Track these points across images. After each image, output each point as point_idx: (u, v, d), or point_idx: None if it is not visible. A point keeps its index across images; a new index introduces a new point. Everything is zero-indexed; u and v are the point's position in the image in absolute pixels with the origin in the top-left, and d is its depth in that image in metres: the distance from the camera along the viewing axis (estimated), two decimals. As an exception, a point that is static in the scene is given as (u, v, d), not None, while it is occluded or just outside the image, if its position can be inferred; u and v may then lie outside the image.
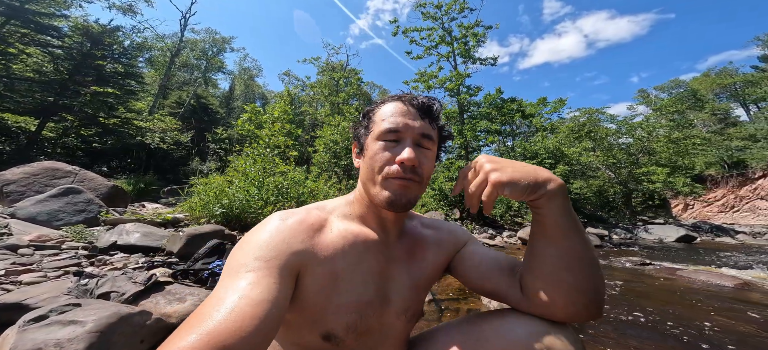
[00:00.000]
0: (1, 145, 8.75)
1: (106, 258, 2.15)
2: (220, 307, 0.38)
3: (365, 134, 0.62)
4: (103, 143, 11.20)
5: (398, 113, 0.58)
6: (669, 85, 30.56)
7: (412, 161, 0.54)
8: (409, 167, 0.55)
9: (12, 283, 1.56)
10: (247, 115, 8.23)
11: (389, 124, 0.58)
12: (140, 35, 18.42)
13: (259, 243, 0.49)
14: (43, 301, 1.22)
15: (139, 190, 8.45)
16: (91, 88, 10.55)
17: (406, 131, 0.57)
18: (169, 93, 19.14)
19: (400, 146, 0.57)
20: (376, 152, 0.58)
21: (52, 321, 0.94)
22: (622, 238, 8.44)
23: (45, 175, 4.82)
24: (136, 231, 2.47)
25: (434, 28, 10.48)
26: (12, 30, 9.36)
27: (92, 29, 11.14)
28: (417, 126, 0.58)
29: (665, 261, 4.28)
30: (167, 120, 13.95)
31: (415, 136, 0.57)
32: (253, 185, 3.71)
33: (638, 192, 13.09)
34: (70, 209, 3.24)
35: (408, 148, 0.55)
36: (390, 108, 0.60)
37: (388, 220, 0.63)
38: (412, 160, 0.54)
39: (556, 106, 16.25)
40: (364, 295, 0.56)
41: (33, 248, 2.17)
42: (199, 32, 25.32)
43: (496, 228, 9.37)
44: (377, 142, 0.58)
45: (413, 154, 0.55)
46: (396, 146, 0.57)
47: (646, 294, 2.57)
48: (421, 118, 0.59)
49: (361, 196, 0.63)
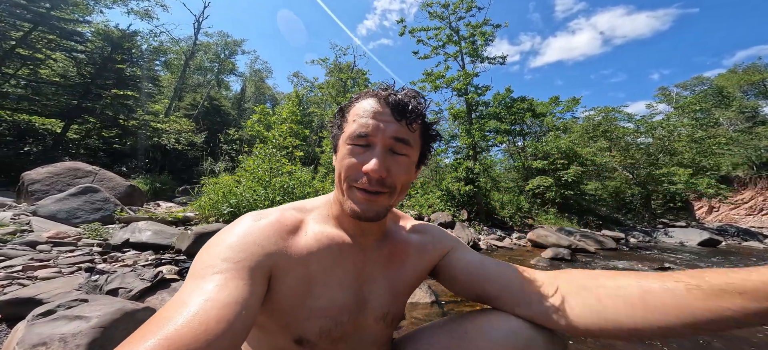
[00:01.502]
0: (29, 146, 9.25)
1: (119, 255, 2.22)
2: (182, 310, 0.35)
3: (339, 133, 0.57)
4: (122, 144, 11.68)
5: (370, 113, 0.52)
6: (692, 82, 29.17)
7: (379, 172, 0.49)
8: (376, 178, 0.50)
9: (28, 278, 1.64)
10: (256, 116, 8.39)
11: (358, 126, 0.52)
12: (157, 39, 19.18)
13: (228, 244, 0.47)
14: (55, 296, 1.27)
15: (154, 190, 8.74)
16: (112, 91, 11.03)
17: (375, 136, 0.51)
18: (184, 95, 19.80)
19: (369, 153, 0.51)
20: (343, 157, 0.53)
21: (59, 316, 0.98)
22: (640, 241, 8.11)
23: (67, 175, 5.06)
24: (147, 229, 2.55)
25: (441, 28, 10.38)
26: (39, 36, 9.89)
27: (112, 34, 11.65)
28: (390, 130, 0.51)
29: (686, 266, 4.08)
30: (182, 121, 14.43)
31: (386, 141, 0.51)
32: (260, 185, 3.77)
33: (658, 193, 12.55)
34: (87, 207, 3.38)
35: (375, 159, 0.50)
36: (363, 106, 0.54)
37: (365, 224, 0.59)
38: (378, 171, 0.49)
39: (569, 105, 15.80)
40: (338, 300, 0.54)
41: (51, 244, 2.27)
42: (212, 35, 26.10)
43: (505, 230, 9.18)
44: (346, 145, 0.53)
45: (380, 164, 0.49)
46: (365, 152, 0.52)
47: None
48: (396, 119, 0.52)
49: (338, 200, 0.60)
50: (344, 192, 0.54)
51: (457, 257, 0.65)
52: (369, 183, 0.51)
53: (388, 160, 0.52)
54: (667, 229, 9.52)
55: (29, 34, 9.51)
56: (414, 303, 2.31)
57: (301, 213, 0.60)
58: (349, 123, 0.54)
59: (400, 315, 0.66)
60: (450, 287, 0.65)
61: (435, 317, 2.15)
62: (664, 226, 10.62)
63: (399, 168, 0.53)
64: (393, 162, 0.52)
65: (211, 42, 26.23)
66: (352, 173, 0.52)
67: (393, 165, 0.52)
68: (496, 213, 9.95)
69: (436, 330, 0.59)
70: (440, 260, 0.67)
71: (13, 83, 9.58)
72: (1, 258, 1.87)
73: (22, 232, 2.47)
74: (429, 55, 10.48)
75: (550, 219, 10.63)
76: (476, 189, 9.41)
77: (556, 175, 11.50)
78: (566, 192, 11.21)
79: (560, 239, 5.69)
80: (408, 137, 0.53)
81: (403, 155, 0.53)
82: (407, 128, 0.53)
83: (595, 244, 6.03)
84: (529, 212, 10.99)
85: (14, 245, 2.13)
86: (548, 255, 4.37)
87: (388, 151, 0.52)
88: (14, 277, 1.63)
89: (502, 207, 10.27)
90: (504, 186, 13.13)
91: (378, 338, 0.61)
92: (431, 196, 9.74)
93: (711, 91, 25.79)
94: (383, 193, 0.52)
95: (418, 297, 2.36)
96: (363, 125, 0.52)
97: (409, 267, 0.64)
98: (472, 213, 9.35)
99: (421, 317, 2.09)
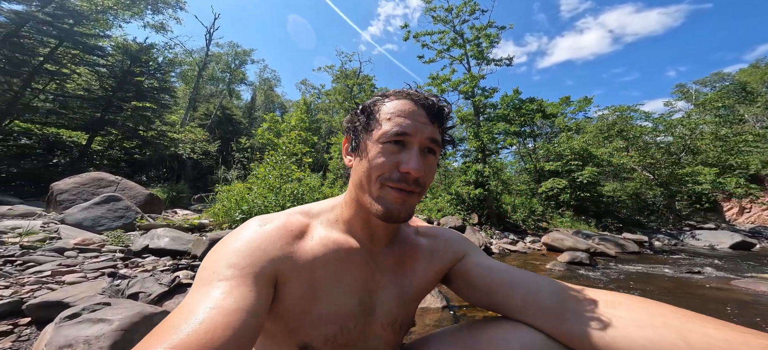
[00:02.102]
0: (57, 158, 9.80)
1: (139, 260, 2.31)
2: (189, 319, 0.35)
3: (364, 132, 0.55)
4: (142, 154, 12.19)
5: (406, 114, 0.52)
6: (712, 78, 27.89)
7: (420, 172, 0.49)
8: (414, 178, 0.50)
9: (57, 283, 1.72)
10: (266, 124, 8.64)
11: (396, 126, 0.51)
12: (171, 51, 20.00)
13: (234, 250, 0.47)
14: (80, 300, 1.33)
15: (172, 198, 9.05)
16: (132, 103, 11.58)
17: (414, 136, 0.51)
18: (198, 105, 20.54)
19: (406, 153, 0.51)
20: (376, 156, 0.52)
21: (83, 319, 1.02)
22: (666, 245, 7.73)
23: (92, 185, 5.31)
24: (165, 236, 2.64)
25: (445, 32, 10.38)
26: (64, 52, 10.53)
27: (131, 47, 12.27)
28: (427, 131, 0.52)
29: (718, 271, 3.85)
30: (197, 131, 14.94)
31: (423, 142, 0.51)
32: (270, 191, 3.86)
33: (682, 194, 11.98)
34: (110, 215, 3.53)
35: (415, 158, 0.50)
36: (397, 106, 0.53)
37: (377, 227, 0.59)
38: (419, 170, 0.49)
39: (581, 105, 15.42)
40: (344, 306, 0.53)
41: (77, 251, 2.38)
42: (222, 46, 27.00)
43: (518, 234, 8.97)
44: (378, 145, 0.52)
45: (420, 163, 0.50)
46: (400, 151, 0.51)
47: (693, 308, 2.31)
48: (431, 122, 0.53)
49: (351, 200, 0.59)
50: (374, 192, 0.52)
51: (472, 262, 0.62)
52: (407, 182, 0.50)
53: (423, 159, 0.52)
54: (695, 232, 9.04)
55: (55, 49, 10.15)
56: (424, 309, 2.28)
57: (307, 218, 0.59)
58: (381, 122, 0.53)
59: (409, 322, 0.64)
60: (463, 294, 0.62)
61: (446, 323, 2.12)
62: (690, 228, 10.10)
63: (430, 169, 0.53)
64: (426, 163, 0.52)
65: (222, 52, 27.17)
66: (386, 172, 0.51)
67: (426, 166, 0.52)
68: (508, 217, 9.75)
69: (445, 339, 0.57)
70: (453, 266, 0.65)
71: (42, 98, 10.21)
72: (31, 264, 1.97)
73: (51, 239, 2.61)
74: (434, 59, 10.50)
75: (566, 222, 10.31)
76: (487, 192, 9.27)
77: (571, 177, 11.18)
78: (582, 194, 10.87)
79: (577, 242, 5.50)
80: (439, 139, 0.54)
81: (433, 156, 0.54)
82: (439, 131, 0.54)
83: (615, 248, 5.79)
84: (542, 215, 10.70)
85: (44, 251, 2.25)
86: (565, 260, 4.23)
87: (423, 152, 0.52)
88: (44, 282, 1.72)
89: (514, 210, 10.06)
90: (516, 189, 12.88)
91: (386, 345, 0.60)
92: (440, 201, 9.65)
93: (733, 86, 24.53)
94: (415, 193, 0.52)
95: (429, 302, 2.33)
96: (401, 125, 0.51)
97: (420, 273, 0.62)
98: (483, 216, 9.19)
99: (432, 323, 2.06)
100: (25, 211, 4.08)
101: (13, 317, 1.33)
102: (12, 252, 2.16)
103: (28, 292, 1.58)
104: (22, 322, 1.31)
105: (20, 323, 1.30)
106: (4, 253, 2.10)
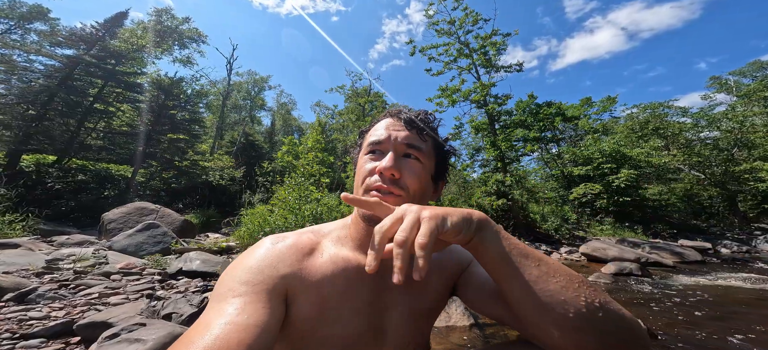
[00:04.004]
0: (107, 191, 10.87)
1: (174, 282, 2.45)
2: (205, 334, 0.37)
3: (358, 153, 0.63)
4: (178, 183, 13.18)
5: (383, 126, 0.58)
6: (749, 68, 25.22)
7: (391, 170, 0.52)
8: (389, 177, 0.52)
9: (103, 304, 1.87)
10: (285, 147, 9.04)
11: (374, 136, 0.58)
12: (198, 83, 21.96)
13: (247, 267, 0.49)
14: (121, 320, 1.43)
15: (204, 223, 9.62)
16: (168, 135, 12.69)
17: (387, 142, 0.56)
18: (224, 133, 22.04)
19: (383, 157, 0.55)
20: (360, 167, 0.58)
21: (122, 339, 1.10)
22: (735, 251, 6.87)
23: (136, 213, 5.81)
24: (197, 259, 2.79)
25: (451, 43, 10.47)
26: (109, 91, 11.90)
27: (163, 82, 13.56)
28: (401, 136, 0.56)
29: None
30: (224, 158, 15.98)
31: (398, 146, 0.55)
32: (291, 212, 3.99)
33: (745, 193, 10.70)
34: (150, 241, 3.82)
35: (388, 157, 0.53)
36: (379, 123, 0.60)
37: None
38: (390, 169, 0.52)
39: (605, 105, 14.64)
40: (352, 327, 0.53)
41: (121, 274, 2.58)
42: (242, 74, 29.25)
43: (551, 244, 8.42)
44: (362, 158, 0.58)
45: (392, 162, 0.52)
46: (380, 158, 0.56)
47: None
48: (407, 128, 0.57)
49: (356, 218, 0.60)
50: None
51: (474, 271, 0.61)
52: (382, 181, 0.52)
53: (400, 162, 0.54)
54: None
55: (102, 89, 11.51)
56: (450, 327, 2.17)
57: (317, 236, 0.60)
58: (366, 139, 0.61)
59: (423, 344, 0.62)
60: (473, 304, 0.59)
61: (475, 342, 2.00)
62: (763, 232, 8.90)
63: (411, 170, 0.54)
64: (405, 164, 0.55)
65: (242, 81, 29.28)
66: (367, 175, 0.55)
67: (405, 167, 0.54)
68: (538, 227, 9.23)
69: None
70: (461, 275, 0.63)
71: (93, 136, 11.52)
72: (83, 287, 2.17)
73: (100, 264, 2.85)
74: (442, 71, 10.57)
75: (607, 230, 9.54)
76: (510, 202, 8.88)
77: (605, 181, 10.44)
78: (621, 199, 10.07)
79: (624, 252, 5.05)
80: (419, 144, 0.57)
81: (416, 160, 0.56)
82: (418, 136, 0.57)
83: (672, 256, 5.25)
84: (578, 223, 10.01)
85: (93, 275, 2.47)
86: (610, 271, 3.86)
87: (400, 155, 0.55)
88: (92, 303, 1.88)
89: (544, 219, 9.51)
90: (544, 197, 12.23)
91: None
92: (461, 213, 9.39)
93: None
94: (396, 195, 0.52)
95: (455, 320, 2.22)
96: (377, 135, 0.58)
97: (431, 290, 0.61)
98: (509, 228, 8.77)
99: (458, 342, 1.95)
100: (80, 239, 4.52)
101: (65, 336, 1.45)
102: (67, 276, 2.39)
103: (78, 313, 1.73)
104: (73, 341, 1.42)
105: (71, 342, 1.41)
106: (59, 278, 2.32)
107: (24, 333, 1.44)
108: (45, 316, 1.65)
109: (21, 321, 1.58)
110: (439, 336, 2.04)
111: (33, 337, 1.41)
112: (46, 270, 2.50)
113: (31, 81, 10.98)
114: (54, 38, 12.19)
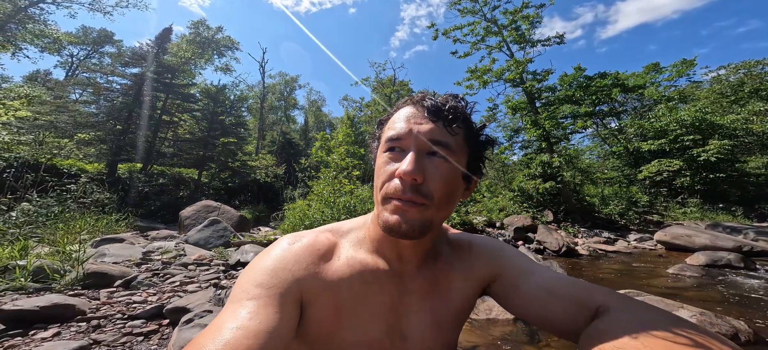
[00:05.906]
0: (182, 191, 12.70)
1: (234, 272, 2.80)
2: (216, 338, 0.37)
3: (377, 146, 0.54)
4: (232, 182, 14.80)
5: (404, 117, 0.49)
6: None
7: (411, 175, 0.44)
8: (410, 184, 0.45)
9: (183, 291, 2.23)
10: (318, 142, 9.50)
11: (392, 130, 0.49)
12: (238, 89, 24.03)
13: (263, 269, 0.48)
14: (196, 306, 1.69)
15: (256, 218, 10.69)
16: (221, 140, 14.24)
17: (408, 138, 0.47)
18: (265, 133, 23.88)
19: (404, 155, 0.47)
20: (379, 168, 0.50)
21: (195, 324, 1.31)
22: None
23: (203, 210, 6.70)
24: (250, 251, 3.14)
25: (476, 22, 9.69)
26: (171, 103, 13.69)
27: (211, 91, 15.09)
28: (424, 130, 0.47)
29: None
30: (267, 157, 17.44)
31: (420, 144, 0.47)
32: (326, 205, 4.22)
33: None
34: (215, 235, 4.39)
35: (407, 159, 0.45)
36: (399, 113, 0.51)
37: (404, 246, 0.53)
38: (410, 174, 0.44)
39: (680, 70, 12.21)
40: (370, 333, 0.50)
41: (195, 265, 3.03)
42: (274, 77, 31.16)
43: (615, 230, 7.54)
44: (381, 156, 0.50)
45: (413, 165, 0.44)
46: (400, 157, 0.48)
47: None
48: (432, 121, 0.47)
49: (376, 217, 0.54)
50: (379, 204, 0.49)
51: (509, 270, 0.56)
52: (402, 190, 0.45)
53: (423, 163, 0.46)
54: None
55: (165, 102, 13.29)
56: (491, 320, 2.12)
57: (335, 236, 0.57)
58: (384, 132, 0.52)
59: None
60: (505, 305, 0.55)
61: (518, 335, 1.93)
62: None
63: (437, 172, 0.46)
64: (430, 165, 0.46)
65: (275, 82, 31.15)
66: (386, 179, 0.48)
67: (430, 168, 0.46)
68: (596, 211, 8.30)
69: None
70: (490, 277, 0.58)
71: (166, 144, 13.47)
72: (168, 276, 2.60)
73: (180, 256, 3.39)
74: (470, 53, 9.88)
75: (692, 214, 8.18)
76: (560, 185, 8.10)
77: (687, 155, 8.86)
78: (711, 176, 8.48)
79: (716, 239, 4.26)
80: (447, 140, 0.47)
81: (441, 158, 0.47)
82: (446, 130, 0.48)
83: None
84: (650, 206, 8.74)
85: (176, 266, 2.94)
86: (699, 262, 3.27)
87: (424, 155, 0.47)
88: (175, 290, 2.26)
89: (604, 202, 8.50)
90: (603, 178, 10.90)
91: None
92: (502, 199, 8.83)
93: None
94: (418, 204, 0.45)
95: (496, 313, 2.16)
96: (395, 129, 0.49)
97: (456, 294, 0.56)
98: (560, 213, 8.04)
99: (500, 336, 1.90)
100: (166, 234, 5.40)
101: (158, 319, 1.78)
102: (157, 267, 2.89)
103: (166, 298, 2.09)
104: (164, 323, 1.74)
105: (163, 323, 1.73)
106: (152, 268, 2.83)
107: (131, 315, 1.80)
108: (144, 300, 2.04)
109: (128, 304, 1.97)
110: (480, 330, 2.01)
111: (137, 318, 1.76)
112: (143, 261, 3.05)
113: (113, 100, 13.25)
114: (121, 59, 14.43)
